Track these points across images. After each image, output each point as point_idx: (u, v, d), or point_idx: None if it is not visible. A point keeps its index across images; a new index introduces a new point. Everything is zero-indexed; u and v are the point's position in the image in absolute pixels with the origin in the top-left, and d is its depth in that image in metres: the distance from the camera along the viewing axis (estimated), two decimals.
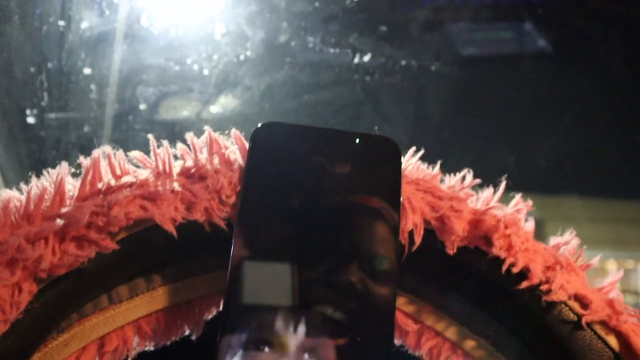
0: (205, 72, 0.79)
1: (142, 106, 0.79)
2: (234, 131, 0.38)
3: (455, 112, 0.91)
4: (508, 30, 0.93)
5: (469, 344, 0.40)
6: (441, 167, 0.41)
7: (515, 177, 0.41)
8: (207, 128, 0.38)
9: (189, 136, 0.38)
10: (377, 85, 0.84)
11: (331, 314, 0.34)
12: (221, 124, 0.39)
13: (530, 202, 0.41)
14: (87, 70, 0.76)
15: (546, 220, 0.42)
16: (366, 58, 0.81)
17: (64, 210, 0.33)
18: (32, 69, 0.73)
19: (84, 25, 0.73)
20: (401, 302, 0.40)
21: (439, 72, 0.83)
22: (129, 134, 0.80)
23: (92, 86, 0.76)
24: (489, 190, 0.41)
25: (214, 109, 0.79)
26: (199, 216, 0.34)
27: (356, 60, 0.82)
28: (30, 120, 0.76)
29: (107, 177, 0.36)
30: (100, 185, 0.35)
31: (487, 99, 0.91)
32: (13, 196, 0.34)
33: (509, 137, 0.93)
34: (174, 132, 0.33)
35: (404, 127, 0.83)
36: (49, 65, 0.73)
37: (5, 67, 0.70)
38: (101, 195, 0.34)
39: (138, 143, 0.36)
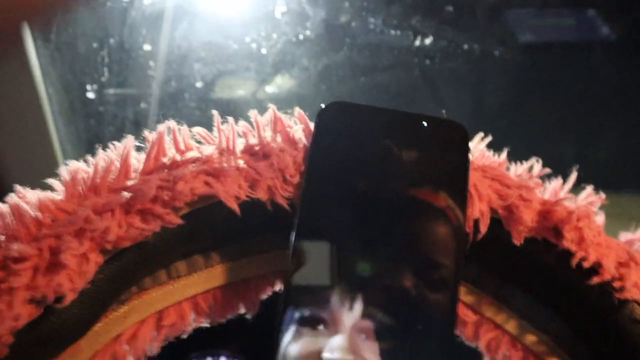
0: (263, 51, 0.78)
1: (199, 84, 0.80)
2: (297, 110, 0.38)
3: (516, 101, 0.88)
4: (574, 17, 0.89)
5: (530, 338, 0.39)
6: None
7: (574, 170, 0.40)
8: (271, 106, 0.37)
9: (253, 113, 0.37)
10: (436, 69, 0.81)
11: (381, 317, 0.33)
12: (276, 104, 0.39)
13: (602, 195, 0.39)
14: (147, 47, 0.76)
15: (606, 217, 0.40)
16: (427, 41, 0.79)
17: (129, 183, 0.33)
18: (95, 45, 0.74)
19: (147, 1, 0.73)
20: (461, 291, 0.39)
21: (501, 58, 0.80)
22: (184, 111, 0.81)
23: (151, 63, 0.77)
24: (558, 180, 0.40)
25: (270, 88, 0.78)
26: (262, 195, 0.34)
27: (417, 43, 0.79)
28: (90, 95, 0.78)
29: (171, 152, 0.36)
30: (165, 160, 0.35)
31: (549, 88, 0.87)
32: (80, 168, 0.34)
33: (569, 129, 0.89)
34: (228, 111, 0.33)
35: (462, 114, 0.81)
36: (111, 41, 0.74)
37: (70, 42, 0.72)
38: (166, 170, 0.34)
39: (193, 120, 0.36)
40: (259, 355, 0.83)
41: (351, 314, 0.32)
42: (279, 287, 0.40)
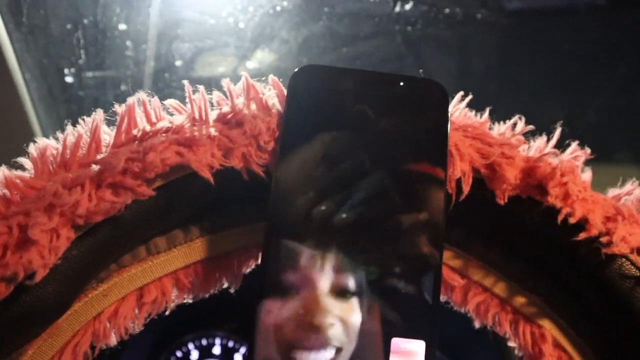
0: (241, 25, 0.76)
1: (178, 62, 0.78)
2: (271, 77, 0.37)
3: (502, 65, 0.86)
4: None
5: (519, 300, 0.38)
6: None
7: (564, 135, 0.39)
8: (244, 74, 0.36)
9: (225, 82, 0.36)
10: (419, 35, 0.79)
11: (369, 272, 0.32)
12: (258, 80, 0.38)
13: (588, 150, 0.39)
14: (122, 26, 0.74)
15: (598, 189, 0.39)
16: (407, 7, 0.77)
17: (99, 157, 0.32)
18: (69, 26, 0.72)
19: None
20: (447, 256, 0.39)
21: (484, 21, 0.78)
22: (165, 92, 0.79)
23: (128, 43, 0.75)
24: (542, 139, 0.39)
25: (251, 64, 0.77)
26: (236, 163, 0.33)
27: (397, 9, 0.77)
28: (69, 79, 0.76)
29: (142, 125, 0.35)
30: (135, 132, 0.34)
31: (536, 50, 0.85)
32: (49, 144, 0.33)
33: (557, 92, 0.87)
34: (209, 89, 0.32)
35: (447, 80, 0.79)
36: (85, 21, 0.72)
37: (42, 24, 0.69)
38: (136, 142, 0.33)
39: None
40: None
41: (323, 274, 0.32)
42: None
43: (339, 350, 0.32)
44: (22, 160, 0.34)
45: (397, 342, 0.31)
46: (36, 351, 0.33)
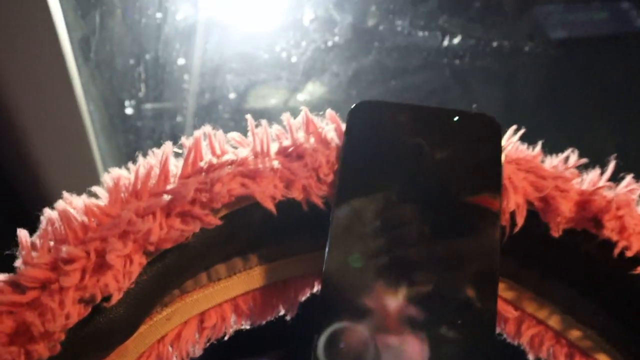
0: (294, 59, 0.79)
1: (232, 95, 0.81)
2: (329, 111, 0.38)
3: (550, 96, 0.85)
4: (605, 10, 0.87)
5: (574, 333, 0.38)
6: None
7: (617, 168, 0.39)
8: (303, 108, 0.38)
9: (286, 116, 0.38)
10: (467, 68, 0.80)
11: (422, 307, 0.33)
12: (309, 111, 0.39)
13: None
14: (181, 61, 0.78)
15: None
16: (456, 40, 0.78)
17: (169, 187, 0.34)
18: (132, 61, 0.76)
19: (179, 16, 0.75)
20: (501, 287, 0.39)
21: (532, 53, 0.79)
22: (218, 123, 0.82)
23: (185, 76, 0.78)
24: (595, 171, 0.39)
25: (301, 96, 0.79)
26: (297, 194, 0.35)
27: (445, 43, 0.78)
28: (129, 111, 0.80)
29: (207, 157, 0.37)
30: (202, 164, 0.36)
31: (583, 82, 0.84)
32: (122, 174, 0.36)
33: (606, 124, 0.86)
34: (259, 121, 0.33)
35: (495, 112, 0.79)
36: (147, 57, 0.76)
37: (108, 59, 0.74)
38: (204, 173, 0.35)
39: (227, 131, 0.37)
40: None
41: (395, 298, 0.32)
42: (317, 288, 0.40)
43: None
44: (95, 188, 0.36)
45: None
46: None
